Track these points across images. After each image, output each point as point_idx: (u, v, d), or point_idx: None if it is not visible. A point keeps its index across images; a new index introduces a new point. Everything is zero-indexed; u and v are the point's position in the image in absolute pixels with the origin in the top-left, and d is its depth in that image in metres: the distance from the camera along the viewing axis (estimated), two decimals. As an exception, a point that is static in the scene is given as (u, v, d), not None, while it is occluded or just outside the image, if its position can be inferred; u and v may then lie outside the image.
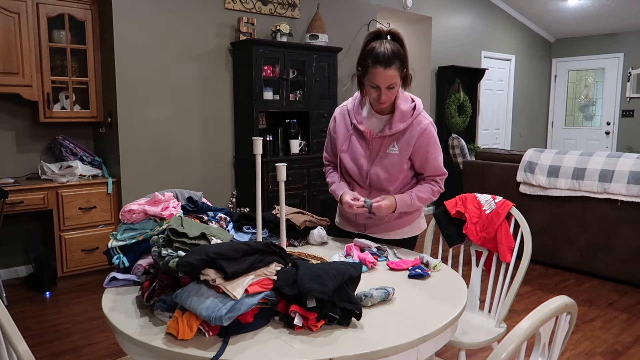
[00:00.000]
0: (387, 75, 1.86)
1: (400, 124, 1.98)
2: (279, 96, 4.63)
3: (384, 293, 1.46)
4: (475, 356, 2.81)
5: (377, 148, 2.04)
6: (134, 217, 1.68)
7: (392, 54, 1.86)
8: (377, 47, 1.87)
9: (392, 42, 1.89)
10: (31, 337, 3.04)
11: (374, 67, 1.87)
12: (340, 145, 2.11)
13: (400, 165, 2.03)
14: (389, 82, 1.88)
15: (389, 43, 1.88)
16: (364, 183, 2.11)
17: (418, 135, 1.99)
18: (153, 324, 1.34)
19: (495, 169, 4.66)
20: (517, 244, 2.09)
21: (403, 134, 2.00)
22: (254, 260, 1.33)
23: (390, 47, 1.87)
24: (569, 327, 1.14)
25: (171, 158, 4.39)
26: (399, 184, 2.09)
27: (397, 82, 1.91)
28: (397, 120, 1.99)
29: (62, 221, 3.83)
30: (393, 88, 1.91)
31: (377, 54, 1.86)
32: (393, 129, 1.99)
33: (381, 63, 1.85)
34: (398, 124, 1.99)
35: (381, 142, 2.02)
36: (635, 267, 3.88)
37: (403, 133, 2.00)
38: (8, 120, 4.02)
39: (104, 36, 4.09)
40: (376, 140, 2.03)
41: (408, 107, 2.00)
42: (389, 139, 2.01)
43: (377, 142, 2.03)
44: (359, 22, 5.68)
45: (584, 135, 8.73)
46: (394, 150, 2.01)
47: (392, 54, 1.86)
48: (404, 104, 2.00)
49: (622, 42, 8.17)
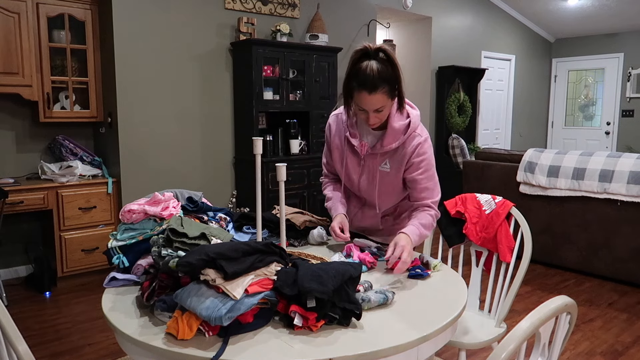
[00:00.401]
0: (373, 100, 1.74)
1: (392, 142, 1.87)
2: (279, 96, 4.63)
3: (383, 298, 1.45)
4: (475, 356, 2.81)
5: (369, 164, 1.96)
6: (134, 217, 1.68)
7: (378, 78, 1.71)
8: (364, 69, 1.72)
9: (379, 63, 1.72)
10: (31, 337, 3.04)
11: (359, 91, 1.75)
12: (335, 156, 2.06)
13: (391, 184, 1.95)
14: (375, 106, 1.76)
15: (376, 63, 1.72)
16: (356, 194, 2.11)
17: (410, 153, 1.88)
18: (153, 324, 1.34)
19: (495, 169, 4.66)
20: (517, 244, 2.09)
21: (395, 152, 1.90)
22: (254, 260, 1.33)
23: (377, 68, 1.71)
24: (569, 327, 1.14)
25: (171, 158, 4.39)
26: (393, 201, 2.04)
27: (386, 105, 1.78)
28: (389, 138, 1.87)
29: (62, 221, 3.83)
30: (382, 111, 1.79)
31: (362, 76, 1.72)
32: (385, 147, 1.88)
33: (367, 87, 1.72)
34: (390, 142, 1.87)
35: (373, 159, 1.94)
36: (635, 267, 3.88)
37: (395, 151, 1.90)
38: (8, 120, 4.02)
39: (104, 36, 4.09)
40: (368, 157, 1.95)
41: (401, 124, 1.87)
42: (380, 157, 1.93)
43: (369, 159, 1.95)
44: (359, 22, 5.68)
45: (584, 135, 8.73)
46: (385, 168, 1.93)
47: (378, 77, 1.71)
48: (397, 121, 1.86)
49: (622, 42, 8.17)
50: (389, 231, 2.12)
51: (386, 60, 1.74)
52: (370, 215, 2.09)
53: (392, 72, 1.74)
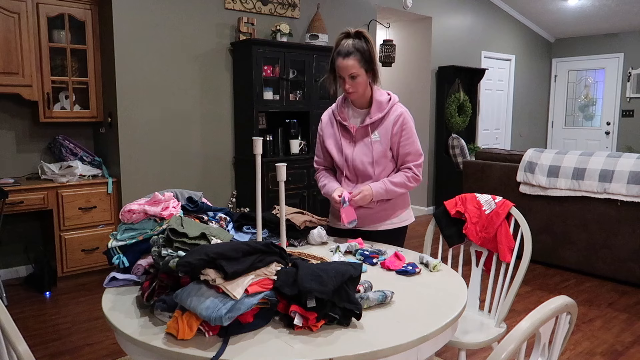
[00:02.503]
0: (346, 65, 2.08)
1: (378, 112, 2.19)
2: (279, 96, 4.63)
3: (382, 296, 1.46)
4: (475, 356, 2.81)
5: (360, 137, 2.22)
6: (134, 217, 1.68)
7: (352, 47, 2.08)
8: (342, 43, 2.11)
9: (356, 40, 2.10)
10: (31, 337, 3.04)
11: (336, 60, 2.12)
12: (328, 142, 2.30)
13: (383, 152, 2.19)
14: (348, 71, 2.08)
15: (352, 40, 2.10)
16: (350, 173, 2.25)
17: (394, 121, 2.18)
18: (153, 324, 1.34)
19: (495, 169, 4.66)
20: (517, 244, 2.09)
21: (382, 122, 2.20)
22: (254, 260, 1.33)
23: (352, 42, 2.09)
24: (569, 327, 1.14)
25: (171, 158, 4.39)
26: (383, 170, 2.21)
27: (360, 74, 2.09)
28: (375, 110, 2.19)
29: (62, 221, 3.83)
30: (355, 78, 2.10)
31: (339, 48, 2.10)
32: (372, 117, 2.19)
33: (341, 54, 2.09)
34: (376, 113, 2.19)
35: (363, 131, 2.21)
36: (635, 267, 3.88)
37: (382, 121, 2.19)
38: (8, 120, 4.02)
39: (104, 36, 4.09)
40: (359, 131, 2.22)
41: (384, 98, 2.21)
42: (370, 128, 2.20)
43: (360, 132, 2.22)
44: (359, 22, 5.68)
45: (584, 135, 8.73)
46: (375, 138, 2.20)
47: (352, 47, 2.08)
48: (380, 96, 2.21)
49: (622, 42, 8.17)
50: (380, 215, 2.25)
51: (363, 39, 2.11)
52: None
53: (366, 47, 2.10)
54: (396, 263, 1.80)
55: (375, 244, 2.13)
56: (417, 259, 1.90)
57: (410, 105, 6.86)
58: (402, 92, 7.00)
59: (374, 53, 2.12)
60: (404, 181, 2.19)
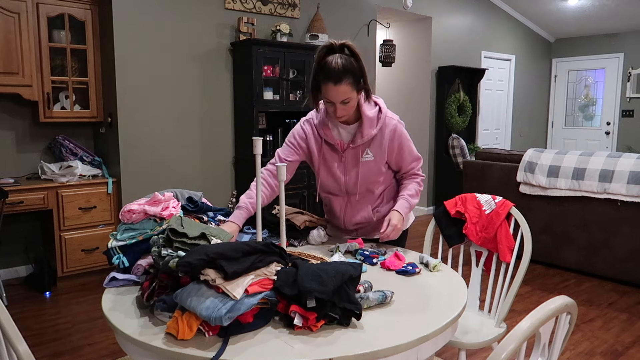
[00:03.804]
0: (338, 91, 1.83)
1: (371, 130, 1.97)
2: (279, 96, 4.63)
3: (382, 296, 1.46)
4: (475, 356, 2.81)
5: (350, 158, 2.03)
6: (134, 217, 1.68)
7: (342, 70, 1.81)
8: (329, 63, 1.83)
9: (344, 57, 1.84)
10: (31, 337, 3.04)
11: (324, 83, 1.84)
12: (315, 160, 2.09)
13: (378, 170, 2.04)
14: (341, 97, 1.84)
15: (340, 57, 1.83)
16: (341, 192, 2.12)
17: (389, 137, 1.99)
18: (153, 324, 1.34)
19: (495, 169, 4.66)
20: (517, 244, 2.09)
21: (374, 140, 1.99)
22: (254, 260, 1.33)
23: (341, 62, 1.82)
24: (569, 327, 1.14)
25: (171, 158, 4.39)
26: (382, 186, 2.11)
27: (352, 97, 1.86)
28: (367, 127, 1.96)
29: (62, 221, 3.83)
30: (348, 103, 1.87)
31: (327, 69, 1.82)
32: (365, 136, 1.97)
33: (331, 79, 1.82)
34: (369, 130, 1.97)
35: (355, 151, 2.01)
36: (635, 267, 3.88)
37: (374, 139, 1.99)
38: (8, 120, 4.02)
39: (104, 36, 4.09)
40: (349, 151, 2.02)
41: (374, 112, 1.98)
42: (362, 147, 2.00)
43: (351, 153, 2.02)
44: (359, 22, 5.68)
45: (584, 135, 8.73)
46: (368, 157, 2.01)
47: (342, 69, 1.81)
48: (369, 110, 1.97)
49: (622, 42, 8.17)
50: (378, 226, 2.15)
51: (350, 55, 1.86)
52: (361, 208, 2.13)
53: (356, 65, 1.85)
54: (396, 263, 1.80)
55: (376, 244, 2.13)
56: (417, 259, 1.90)
57: (410, 105, 6.87)
58: (402, 92, 7.00)
59: (364, 69, 1.87)
60: (418, 188, 2.10)
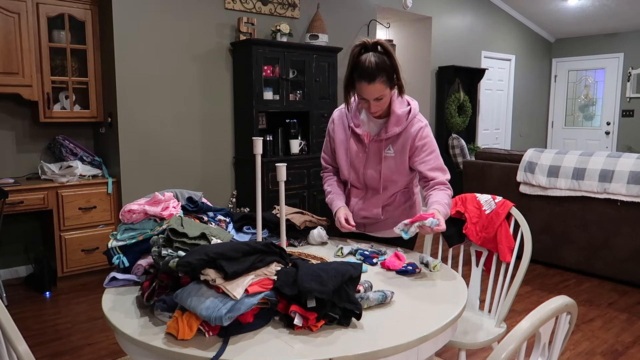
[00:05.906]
0: (372, 89, 1.89)
1: (396, 127, 2.01)
2: (279, 96, 4.62)
3: (382, 296, 1.46)
4: (475, 356, 2.81)
5: (373, 151, 2.07)
6: (134, 217, 1.68)
7: (376, 68, 1.86)
8: (363, 61, 1.88)
9: (377, 55, 1.88)
10: (31, 337, 3.04)
11: (359, 82, 1.90)
12: (338, 148, 2.15)
13: (397, 168, 2.06)
14: (375, 95, 1.90)
15: (374, 56, 1.88)
16: (360, 184, 2.15)
17: (413, 137, 2.01)
18: (153, 324, 1.34)
19: (495, 169, 4.66)
20: (517, 244, 2.09)
21: (398, 137, 2.03)
22: (254, 260, 1.33)
23: (374, 60, 1.87)
24: (569, 327, 1.14)
25: (171, 158, 4.39)
26: (397, 186, 2.11)
27: (386, 94, 1.92)
28: (393, 124, 2.02)
29: (62, 221, 3.83)
30: (382, 99, 1.93)
31: (361, 68, 1.88)
32: (389, 132, 2.02)
33: (365, 78, 1.87)
34: (394, 127, 2.02)
35: (378, 145, 2.06)
36: (635, 267, 3.88)
37: (398, 136, 2.03)
38: (8, 120, 4.02)
39: (104, 36, 4.09)
40: (372, 144, 2.07)
41: (403, 111, 2.02)
42: (385, 142, 2.05)
43: (374, 146, 2.07)
44: (359, 22, 5.68)
45: (584, 135, 8.73)
46: (389, 153, 2.05)
47: (376, 68, 1.86)
48: (399, 107, 2.02)
49: (622, 42, 8.17)
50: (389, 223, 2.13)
51: (383, 53, 1.91)
52: (372, 204, 2.14)
53: (389, 63, 1.89)
54: (396, 263, 1.80)
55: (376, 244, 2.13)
56: (417, 259, 1.90)
57: (410, 105, 6.86)
58: (402, 92, 6.99)
59: (397, 66, 1.91)
60: (451, 202, 2.02)
